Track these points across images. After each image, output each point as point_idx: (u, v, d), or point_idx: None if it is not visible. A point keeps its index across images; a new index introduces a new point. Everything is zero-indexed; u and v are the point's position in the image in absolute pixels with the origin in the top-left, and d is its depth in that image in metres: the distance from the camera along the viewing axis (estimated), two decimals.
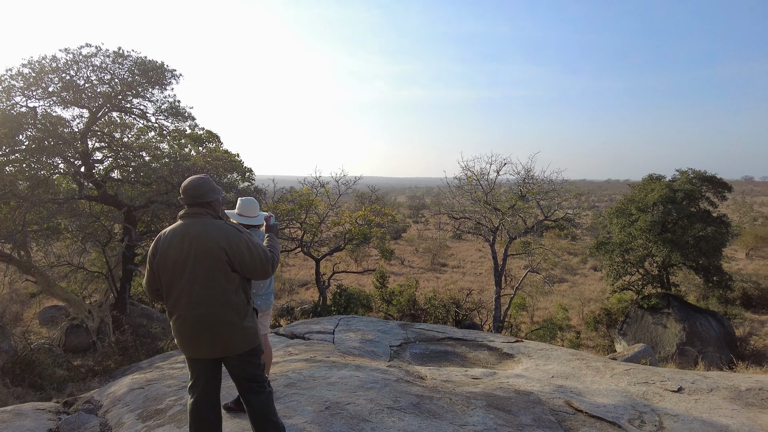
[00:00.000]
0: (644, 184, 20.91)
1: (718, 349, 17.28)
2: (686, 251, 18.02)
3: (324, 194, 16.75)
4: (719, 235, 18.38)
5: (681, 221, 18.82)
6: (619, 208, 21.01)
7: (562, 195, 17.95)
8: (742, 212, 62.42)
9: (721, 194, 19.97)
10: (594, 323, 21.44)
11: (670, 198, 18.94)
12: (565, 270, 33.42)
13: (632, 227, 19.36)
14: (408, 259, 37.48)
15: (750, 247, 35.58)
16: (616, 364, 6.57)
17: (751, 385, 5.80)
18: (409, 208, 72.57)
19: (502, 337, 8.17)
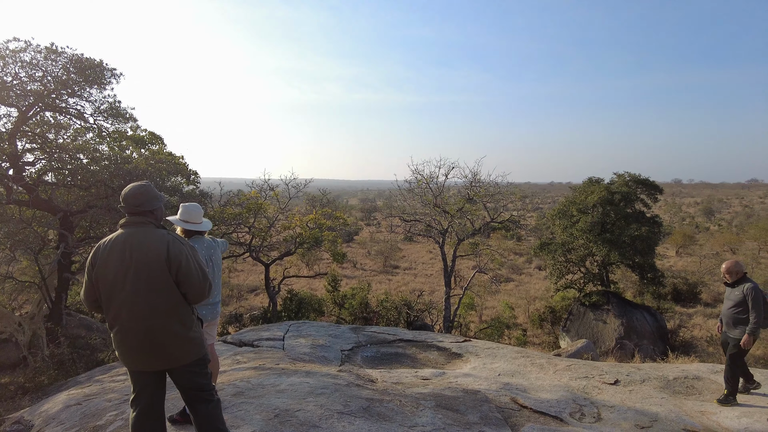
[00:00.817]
0: (584, 187, 21.91)
1: (652, 341, 18.34)
2: (623, 250, 19.04)
3: (273, 198, 16.50)
4: (652, 234, 19.57)
5: (618, 222, 19.87)
6: (561, 209, 21.90)
7: (508, 197, 18.54)
8: (672, 213, 66.65)
9: (654, 196, 21.28)
10: (539, 321, 22.24)
11: (609, 200, 19.96)
12: (511, 270, 34.48)
13: (573, 228, 20.24)
14: (360, 261, 37.51)
15: (679, 245, 38.04)
16: (558, 361, 6.87)
17: (677, 374, 6.23)
18: (361, 211, 72.66)
19: (452, 336, 8.35)
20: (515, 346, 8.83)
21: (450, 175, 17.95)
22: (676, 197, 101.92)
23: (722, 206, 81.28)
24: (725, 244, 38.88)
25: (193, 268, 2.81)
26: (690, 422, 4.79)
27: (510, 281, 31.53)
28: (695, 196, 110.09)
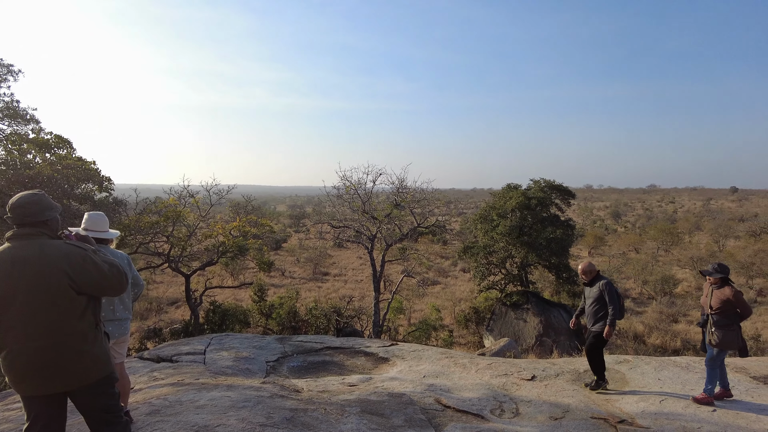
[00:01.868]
0: (504, 193, 22.99)
1: (569, 338, 19.54)
2: (540, 252, 20.17)
3: (194, 205, 15.81)
4: (566, 236, 20.93)
5: (535, 225, 21.04)
6: (483, 214, 22.83)
7: (434, 203, 19.05)
8: (585, 216, 71.59)
9: (567, 200, 22.78)
10: (465, 321, 22.95)
11: (526, 205, 21.09)
12: (438, 273, 35.37)
13: (494, 232, 21.16)
14: (289, 269, 36.83)
15: (591, 245, 40.94)
16: (480, 360, 7.13)
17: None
18: (290, 218, 71.36)
19: (379, 342, 8.42)
20: (440, 348, 9.07)
21: (377, 181, 18.15)
22: (587, 201, 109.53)
23: (627, 209, 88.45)
24: (630, 244, 42.38)
25: (99, 263, 2.64)
26: (597, 410, 5.16)
27: (437, 284, 32.32)
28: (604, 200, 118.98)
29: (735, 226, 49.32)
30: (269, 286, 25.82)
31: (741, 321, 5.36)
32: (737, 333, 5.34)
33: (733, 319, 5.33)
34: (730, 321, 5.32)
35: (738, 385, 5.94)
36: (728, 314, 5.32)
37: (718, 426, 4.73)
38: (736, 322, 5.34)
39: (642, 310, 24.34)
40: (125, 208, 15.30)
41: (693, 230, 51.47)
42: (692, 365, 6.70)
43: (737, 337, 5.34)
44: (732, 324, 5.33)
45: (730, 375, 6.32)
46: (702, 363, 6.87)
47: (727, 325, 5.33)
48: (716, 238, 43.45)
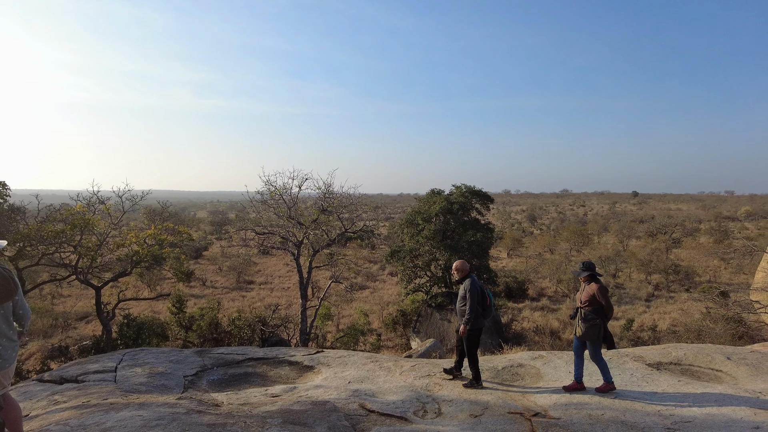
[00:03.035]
0: (428, 198, 23.60)
1: (490, 336, 20.33)
2: (462, 254, 20.88)
3: (104, 212, 14.75)
4: (486, 239, 21.85)
5: (457, 229, 21.77)
6: (409, 219, 23.28)
7: (361, 208, 19.12)
8: (503, 219, 75.09)
9: (487, 205, 23.81)
10: (392, 324, 23.21)
11: (449, 209, 21.77)
12: (366, 277, 35.52)
13: (419, 235, 21.64)
14: (211, 279, 35.33)
15: (510, 247, 42.97)
16: (404, 362, 7.23)
17: (505, 363, 6.98)
18: (211, 224, 68.46)
19: (304, 350, 8.29)
20: (366, 352, 9.10)
21: (303, 186, 17.91)
22: (506, 205, 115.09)
23: (542, 213, 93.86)
24: (545, 246, 44.95)
25: None
26: (513, 405, 5.41)
27: (365, 288, 32.42)
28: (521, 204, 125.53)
29: (636, 227, 53.96)
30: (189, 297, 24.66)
31: (607, 316, 5.75)
32: (601, 326, 5.73)
33: (599, 313, 5.72)
34: (595, 315, 5.71)
35: (636, 372, 6.48)
36: (595, 308, 5.72)
37: (619, 411, 5.13)
38: (601, 316, 5.73)
39: (557, 308, 25.87)
40: (24, 215, 13.96)
41: (601, 231, 55.60)
42: None
43: (601, 330, 5.73)
44: (597, 318, 5.72)
45: (629, 363, 6.88)
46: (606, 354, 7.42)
47: (592, 319, 5.72)
48: (621, 239, 47.24)
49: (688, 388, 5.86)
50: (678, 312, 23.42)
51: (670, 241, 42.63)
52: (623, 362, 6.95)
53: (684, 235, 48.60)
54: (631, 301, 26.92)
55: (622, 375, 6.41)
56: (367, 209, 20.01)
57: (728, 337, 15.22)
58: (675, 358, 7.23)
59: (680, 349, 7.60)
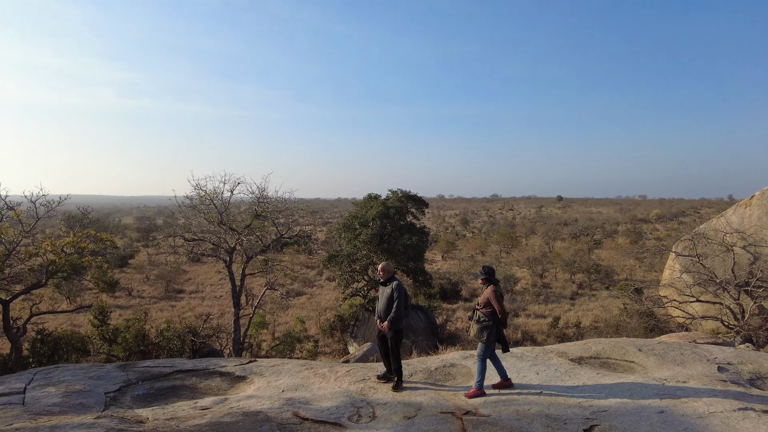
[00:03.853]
0: (365, 202, 23.72)
1: (426, 337, 20.71)
2: (399, 258, 21.16)
3: (14, 218, 13.58)
4: (422, 242, 22.27)
5: (394, 233, 22.02)
6: (346, 223, 23.26)
7: (297, 213, 18.87)
8: (438, 223, 76.86)
9: (422, 209, 24.28)
10: (330, 330, 23.06)
11: (385, 214, 21.99)
12: (303, 283, 35.06)
13: (357, 240, 21.68)
14: (137, 288, 33.46)
15: (444, 250, 44.04)
16: (340, 367, 7.21)
17: (438, 364, 7.15)
18: (137, 231, 64.83)
19: (236, 360, 8.06)
20: (301, 359, 8.99)
21: (236, 191, 17.41)
22: (440, 210, 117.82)
23: (474, 217, 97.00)
24: (477, 248, 46.48)
25: None
26: (446, 405, 5.56)
27: (302, 295, 31.99)
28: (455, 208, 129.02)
29: (561, 229, 57.07)
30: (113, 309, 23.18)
31: (501, 319, 5.91)
32: (492, 329, 5.88)
33: (493, 317, 5.92)
34: (488, 318, 5.88)
35: (560, 367, 6.86)
36: (490, 311, 5.92)
37: (543, 405, 5.41)
38: (494, 319, 5.89)
39: None
40: None
41: (529, 234, 58.29)
42: (525, 354, 7.56)
43: (492, 333, 5.88)
44: (490, 321, 5.88)
45: (554, 359, 7.27)
46: (532, 351, 7.80)
47: (485, 321, 5.91)
48: (547, 240, 49.75)
49: (606, 380, 6.28)
50: (599, 309, 24.98)
51: (591, 243, 45.48)
52: (548, 358, 7.33)
53: (604, 236, 52.02)
54: (557, 299, 28.39)
55: (547, 371, 6.75)
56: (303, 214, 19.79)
57: (642, 330, 16.43)
58: (594, 352, 7.72)
59: (599, 344, 8.12)
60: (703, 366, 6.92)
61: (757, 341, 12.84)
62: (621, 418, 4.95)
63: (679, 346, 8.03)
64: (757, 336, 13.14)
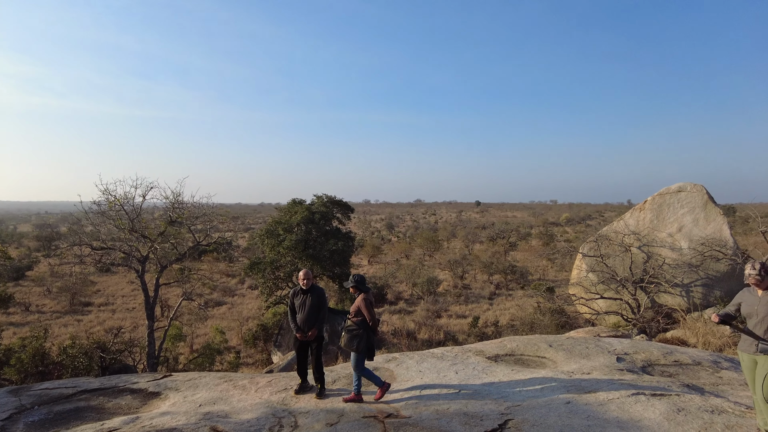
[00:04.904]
0: (289, 207, 23.36)
1: None
2: (324, 263, 21.04)
3: None
4: (347, 247, 22.30)
5: (319, 238, 21.87)
6: (269, 229, 22.76)
7: (217, 218, 18.17)
8: (364, 228, 77.31)
9: (347, 214, 24.33)
10: (253, 340, 22.38)
11: (310, 219, 21.80)
12: (224, 292, 33.78)
13: (280, 246, 21.28)
14: (37, 303, 30.51)
15: (370, 255, 44.36)
16: (260, 378, 7.04)
17: None
18: (37, 240, 59.13)
19: (149, 375, 7.60)
20: (220, 372, 8.66)
21: (149, 196, 16.44)
22: (366, 214, 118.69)
23: (399, 221, 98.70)
24: (402, 252, 47.29)
25: None
26: (368, 409, 5.60)
27: (223, 304, 30.79)
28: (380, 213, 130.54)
29: (480, 232, 59.56)
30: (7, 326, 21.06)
31: (372, 326, 5.89)
32: (363, 337, 5.83)
33: (363, 325, 5.87)
34: (358, 326, 5.85)
35: (477, 365, 7.15)
36: (361, 320, 5.89)
37: (462, 403, 5.62)
38: (364, 327, 5.87)
39: (413, 309, 27.33)
40: None
41: (450, 237, 60.24)
42: (445, 355, 7.81)
43: (362, 341, 5.83)
44: (360, 329, 5.85)
45: (472, 358, 7.57)
46: (452, 351, 8.08)
47: (355, 330, 5.86)
48: (467, 243, 51.70)
49: (519, 376, 6.64)
50: (516, 308, 26.32)
51: (507, 245, 47.87)
52: (467, 357, 7.62)
53: (519, 239, 54.94)
54: (476, 299, 29.56)
55: (465, 369, 7.02)
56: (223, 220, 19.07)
57: (554, 326, 17.53)
58: (510, 349, 8.14)
59: (514, 342, 8.58)
60: (605, 357, 7.52)
61: (650, 332, 14.17)
62: (532, 411, 5.27)
63: (584, 340, 8.67)
64: (650, 327, 14.50)
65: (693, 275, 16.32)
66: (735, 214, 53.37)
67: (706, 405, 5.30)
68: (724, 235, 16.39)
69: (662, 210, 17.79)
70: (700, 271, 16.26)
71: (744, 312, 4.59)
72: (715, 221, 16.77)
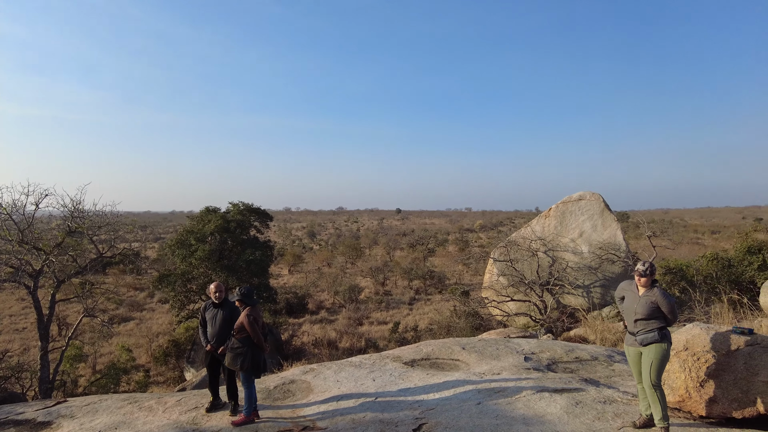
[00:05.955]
0: (202, 216, 22.34)
1: (271, 355, 20.14)
2: (241, 274, 20.34)
3: None
4: (266, 257, 21.72)
5: (235, 248, 21.13)
6: (180, 239, 21.62)
7: (123, 228, 16.99)
8: (284, 236, 75.79)
9: (266, 223, 23.72)
10: (163, 357, 21.08)
11: (225, 228, 20.99)
12: (131, 307, 31.54)
13: (193, 257, 20.29)
14: None
15: (290, 264, 43.56)
16: (169, 398, 6.66)
17: (277, 382, 7.03)
18: None
19: (39, 403, 6.90)
20: (125, 393, 8.06)
21: (42, 204, 15.00)
22: (287, 222, 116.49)
23: (321, 229, 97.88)
24: (324, 260, 46.93)
25: None
26: (283, 423, 5.49)
27: (130, 320, 28.74)
28: (302, 221, 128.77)
29: (400, 239, 60.66)
30: None
31: (257, 343, 5.65)
32: (247, 355, 5.59)
33: (247, 342, 5.63)
34: (242, 344, 5.62)
35: (394, 371, 7.26)
36: (245, 336, 5.65)
37: (378, 410, 5.67)
38: (248, 344, 5.62)
39: (334, 318, 27.20)
40: None
41: (372, 245, 60.74)
42: (363, 363, 7.85)
43: (247, 360, 5.59)
44: (243, 346, 5.61)
45: (389, 364, 7.67)
46: (370, 359, 8.13)
47: (239, 347, 5.63)
48: (388, 250, 52.43)
49: (434, 379, 6.83)
50: (434, 312, 27.04)
51: (426, 251, 49.19)
52: (384, 364, 7.71)
53: (437, 245, 56.60)
54: (397, 305, 30.02)
55: (383, 376, 7.10)
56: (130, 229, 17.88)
57: (469, 329, 18.22)
58: (425, 354, 8.35)
59: (430, 346, 8.81)
60: (514, 357, 7.94)
61: (556, 331, 15.17)
62: (445, 414, 5.43)
63: (495, 341, 9.11)
64: (555, 327, 15.53)
65: (592, 277, 17.73)
66: (628, 220, 58.73)
67: (600, 396, 5.77)
68: (618, 239, 17.99)
69: (565, 217, 19.19)
70: (598, 273, 17.71)
71: (625, 306, 5.07)
72: (611, 227, 18.37)
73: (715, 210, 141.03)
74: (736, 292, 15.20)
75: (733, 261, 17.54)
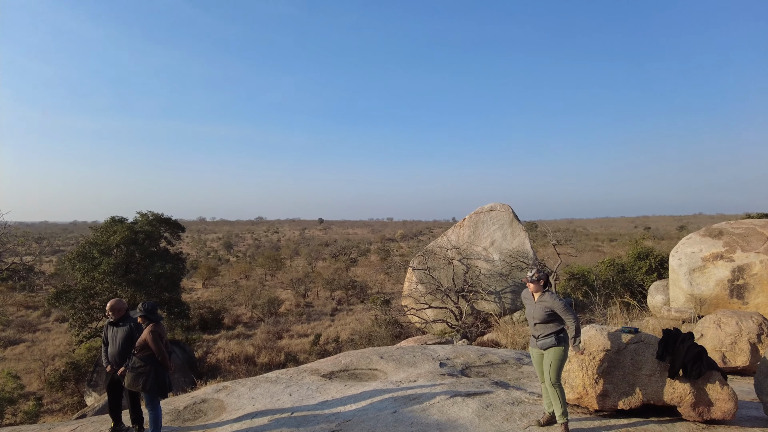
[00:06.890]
0: (107, 227, 20.81)
1: (183, 374, 19.08)
2: (149, 289, 19.15)
3: None
4: (177, 270, 20.64)
5: (144, 261, 19.86)
6: (81, 252, 19.97)
7: (13, 240, 15.39)
8: (198, 248, 72.30)
9: (177, 234, 22.56)
10: (60, 382, 19.20)
11: (133, 239, 19.70)
12: (22, 328, 28.48)
13: (96, 271, 18.82)
14: None
15: (205, 277, 41.64)
16: (63, 427, 6.13)
17: (187, 402, 6.70)
18: None
19: None
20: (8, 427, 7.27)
21: None
22: (201, 233, 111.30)
23: (239, 240, 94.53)
24: (241, 272, 45.37)
25: None
26: None
27: (20, 342, 25.93)
28: (218, 231, 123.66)
29: (322, 250, 60.22)
30: None
31: (162, 361, 5.50)
32: (150, 374, 5.42)
33: (150, 360, 5.43)
34: (145, 362, 5.41)
35: (311, 385, 7.18)
36: (149, 354, 5.43)
37: (294, 425, 5.58)
38: (151, 362, 5.42)
39: (252, 333, 26.32)
40: None
41: (293, 255, 59.73)
42: (280, 378, 7.69)
43: (150, 379, 5.41)
44: (146, 365, 5.41)
45: (307, 378, 7.57)
46: (287, 373, 7.98)
47: (141, 367, 5.41)
48: (310, 261, 51.79)
49: (352, 390, 6.84)
50: (356, 322, 27.06)
51: (349, 261, 49.25)
52: (302, 378, 7.60)
53: (359, 255, 56.90)
54: (318, 317, 29.69)
55: (300, 390, 6.99)
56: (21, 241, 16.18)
57: (390, 338, 18.44)
58: (344, 365, 8.34)
59: (348, 357, 8.81)
60: (430, 364, 8.15)
61: (471, 336, 15.79)
62: (361, 425, 5.46)
63: (412, 349, 9.30)
64: (470, 332, 16.16)
65: (504, 283, 18.69)
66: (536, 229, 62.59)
67: (509, 398, 6.09)
68: (526, 247, 19.14)
69: (478, 227, 20.11)
70: (509, 279, 18.71)
71: (527, 312, 5.43)
72: (519, 236, 19.51)
73: (612, 220, 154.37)
74: (629, 295, 16.77)
75: (626, 266, 19.31)
